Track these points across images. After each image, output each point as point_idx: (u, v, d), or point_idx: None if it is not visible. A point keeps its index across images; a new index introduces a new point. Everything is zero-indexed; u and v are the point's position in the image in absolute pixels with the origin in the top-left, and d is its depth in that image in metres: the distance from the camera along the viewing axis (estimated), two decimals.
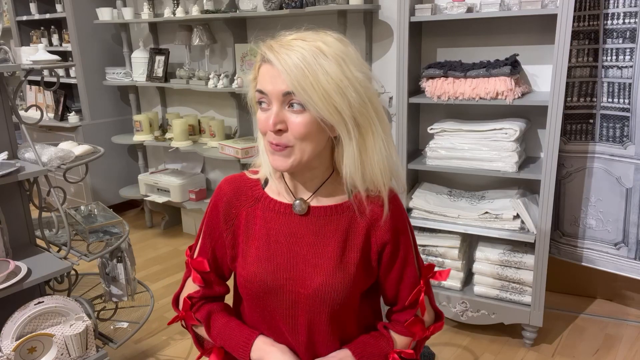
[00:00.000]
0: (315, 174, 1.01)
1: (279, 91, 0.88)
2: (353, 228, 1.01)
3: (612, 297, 2.51)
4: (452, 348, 2.20)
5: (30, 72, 1.84)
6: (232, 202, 1.05)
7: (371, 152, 0.94)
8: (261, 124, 0.93)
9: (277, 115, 0.89)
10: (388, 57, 2.57)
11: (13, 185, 1.81)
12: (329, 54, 0.87)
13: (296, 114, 0.89)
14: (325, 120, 0.88)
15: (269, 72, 0.89)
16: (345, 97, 0.88)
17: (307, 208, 1.02)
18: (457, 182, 2.42)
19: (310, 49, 0.87)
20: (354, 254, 1.01)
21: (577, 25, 2.08)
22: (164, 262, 3.14)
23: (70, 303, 1.66)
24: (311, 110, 0.87)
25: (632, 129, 2.05)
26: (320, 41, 0.89)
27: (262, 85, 0.91)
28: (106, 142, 3.44)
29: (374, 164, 0.95)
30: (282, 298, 1.01)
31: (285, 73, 0.86)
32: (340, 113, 0.88)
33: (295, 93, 0.86)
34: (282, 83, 0.87)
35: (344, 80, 0.87)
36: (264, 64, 0.91)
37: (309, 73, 0.85)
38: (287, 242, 1.01)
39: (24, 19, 3.87)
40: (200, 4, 2.96)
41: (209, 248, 1.09)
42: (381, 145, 0.95)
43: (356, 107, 0.89)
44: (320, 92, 0.86)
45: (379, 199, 1.01)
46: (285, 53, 0.87)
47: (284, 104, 0.89)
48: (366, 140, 0.93)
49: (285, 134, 0.90)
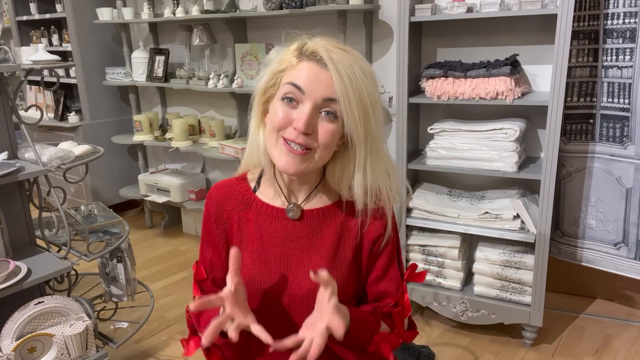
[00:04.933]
0: (310, 177, 1.00)
1: (322, 95, 0.87)
2: (346, 227, 1.02)
3: (612, 297, 2.51)
4: (452, 348, 2.20)
5: (30, 72, 1.83)
6: (223, 206, 1.04)
7: (378, 171, 0.95)
8: (279, 120, 0.90)
9: (310, 117, 0.87)
10: (388, 57, 2.57)
11: (13, 185, 1.81)
12: (367, 71, 0.88)
13: (328, 122, 0.88)
14: (352, 135, 0.89)
15: (314, 70, 0.88)
16: (376, 117, 0.90)
17: (301, 212, 1.01)
18: (457, 182, 2.42)
19: (355, 62, 0.87)
20: (348, 253, 1.01)
21: (577, 25, 2.08)
22: (164, 262, 3.14)
23: (70, 303, 1.66)
24: (345, 123, 0.87)
25: (632, 129, 2.05)
26: (358, 57, 0.89)
27: (301, 82, 0.88)
28: (106, 142, 3.44)
29: (380, 182, 0.96)
30: (277, 301, 1.01)
31: (338, 78, 0.85)
32: (367, 132, 0.89)
33: (341, 102, 0.85)
34: (328, 88, 0.86)
35: (377, 99, 0.89)
36: (306, 61, 0.89)
37: (357, 87, 0.86)
38: (281, 245, 1.01)
39: (24, 19, 3.88)
40: (200, 4, 2.96)
41: (208, 256, 1.08)
42: (386, 162, 0.96)
43: (379, 125, 0.91)
44: (361, 108, 0.86)
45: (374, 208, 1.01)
46: (338, 61, 0.86)
47: (319, 108, 0.88)
48: (375, 159, 0.94)
49: (311, 137, 0.89)
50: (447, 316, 2.29)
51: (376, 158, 0.94)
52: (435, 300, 2.27)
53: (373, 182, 0.96)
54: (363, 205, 0.98)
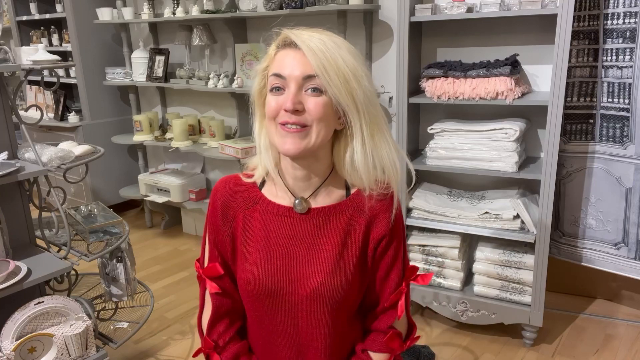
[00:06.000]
0: (318, 169, 1.00)
1: (300, 74, 0.90)
2: (353, 226, 1.01)
3: (612, 297, 2.51)
4: (452, 348, 2.20)
5: (30, 72, 1.83)
6: (229, 203, 1.04)
7: (379, 142, 0.96)
8: (272, 108, 0.93)
9: (295, 95, 0.90)
10: (388, 57, 2.57)
11: (13, 185, 1.81)
12: (343, 46, 0.92)
13: (314, 96, 0.91)
14: (341, 105, 0.91)
15: (289, 55, 0.92)
16: (360, 85, 0.91)
17: (308, 207, 1.02)
18: (457, 182, 2.42)
19: (327, 38, 0.91)
20: (353, 252, 1.01)
21: (577, 25, 2.08)
22: (164, 262, 3.14)
23: (70, 303, 1.66)
24: (330, 93, 0.90)
25: (632, 129, 2.05)
26: (333, 36, 0.93)
27: (280, 69, 0.92)
28: (106, 142, 3.44)
29: (382, 154, 0.97)
30: (282, 300, 1.00)
31: (310, 53, 0.88)
32: (355, 100, 0.91)
33: (319, 74, 0.89)
34: (304, 66, 0.90)
35: (359, 69, 0.92)
36: (282, 50, 0.93)
37: (330, 57, 0.89)
38: (287, 244, 1.01)
39: (24, 19, 3.87)
40: (200, 4, 2.96)
41: (217, 252, 1.07)
42: (388, 138, 0.98)
43: (368, 97, 0.93)
44: (341, 76, 0.89)
45: (378, 195, 1.01)
46: (308, 37, 0.90)
47: (302, 88, 0.91)
48: (374, 131, 0.95)
49: (303, 115, 0.92)
50: (447, 316, 2.29)
51: (374, 128, 0.95)
52: (435, 300, 2.27)
53: (375, 153, 0.97)
54: (368, 184, 0.99)
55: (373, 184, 0.99)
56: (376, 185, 1.00)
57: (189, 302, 2.61)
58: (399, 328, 1.08)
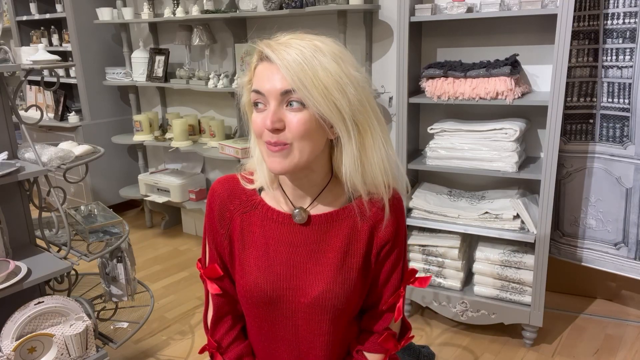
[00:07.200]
0: (315, 179, 0.98)
1: (278, 89, 0.85)
2: (355, 233, 0.99)
3: (612, 297, 2.51)
4: (452, 348, 2.20)
5: (30, 72, 1.83)
6: (226, 205, 1.02)
7: (370, 152, 0.92)
8: (257, 126, 0.89)
9: (274, 113, 0.86)
10: (388, 57, 2.57)
11: (13, 185, 1.81)
12: (327, 51, 0.86)
13: (295, 112, 0.86)
14: (324, 117, 0.86)
15: (266, 70, 0.87)
16: (345, 94, 0.86)
17: (307, 217, 0.99)
18: (457, 182, 2.42)
19: (308, 45, 0.86)
20: (356, 259, 0.99)
21: (577, 25, 2.08)
22: (164, 262, 3.13)
23: (70, 303, 1.66)
24: (311, 107, 0.85)
25: (632, 129, 2.05)
26: (317, 40, 0.88)
27: (259, 85, 0.88)
28: (106, 142, 3.44)
29: (374, 164, 0.93)
30: (282, 307, 0.99)
31: (284, 69, 0.84)
32: (340, 110, 0.86)
33: (296, 89, 0.84)
34: (281, 80, 0.85)
35: (343, 77, 0.86)
36: (260, 63, 0.89)
37: (308, 69, 0.84)
38: (287, 252, 0.99)
39: (24, 19, 3.87)
40: (200, 4, 2.96)
41: (216, 254, 1.06)
42: (380, 145, 0.93)
43: (355, 104, 0.88)
44: (321, 88, 0.84)
45: (381, 201, 0.98)
46: (284, 50, 0.85)
47: (282, 103, 0.87)
48: (365, 140, 0.91)
49: (284, 133, 0.87)
50: (447, 316, 2.29)
51: (366, 136, 0.91)
52: (435, 300, 2.27)
53: (366, 162, 0.92)
54: (369, 190, 0.95)
55: (373, 189, 0.96)
56: (378, 190, 0.97)
57: (189, 302, 2.61)
58: (394, 328, 1.07)
